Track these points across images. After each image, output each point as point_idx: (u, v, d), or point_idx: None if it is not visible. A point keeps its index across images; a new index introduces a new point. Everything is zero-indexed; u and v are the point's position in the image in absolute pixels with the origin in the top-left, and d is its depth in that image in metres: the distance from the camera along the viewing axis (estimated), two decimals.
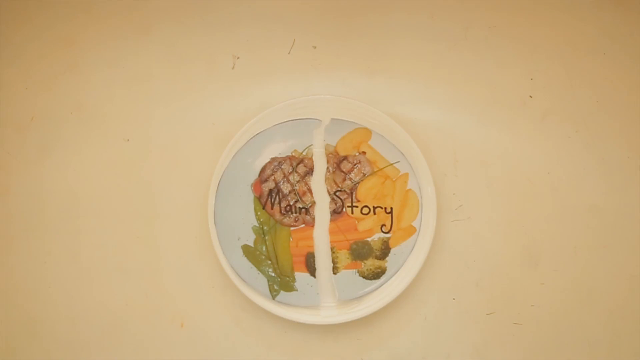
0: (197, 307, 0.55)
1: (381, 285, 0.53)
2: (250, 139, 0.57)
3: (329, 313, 0.52)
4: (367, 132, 0.57)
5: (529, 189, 0.58)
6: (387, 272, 0.53)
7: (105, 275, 0.56)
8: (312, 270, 0.54)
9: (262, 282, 0.53)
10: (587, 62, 0.62)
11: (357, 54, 0.62)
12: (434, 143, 0.59)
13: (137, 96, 0.62)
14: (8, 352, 0.55)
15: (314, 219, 0.55)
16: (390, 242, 0.54)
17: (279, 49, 0.63)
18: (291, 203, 0.56)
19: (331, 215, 0.56)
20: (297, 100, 0.57)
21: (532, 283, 0.55)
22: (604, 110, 0.60)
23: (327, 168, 0.57)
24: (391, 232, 0.55)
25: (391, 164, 0.56)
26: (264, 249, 0.54)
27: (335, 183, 0.56)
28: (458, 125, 0.60)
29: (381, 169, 0.56)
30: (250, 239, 0.55)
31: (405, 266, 0.53)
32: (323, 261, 0.54)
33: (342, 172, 0.57)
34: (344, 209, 0.56)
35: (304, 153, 0.57)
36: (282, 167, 0.56)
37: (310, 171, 0.57)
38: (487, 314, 0.55)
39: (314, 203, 0.56)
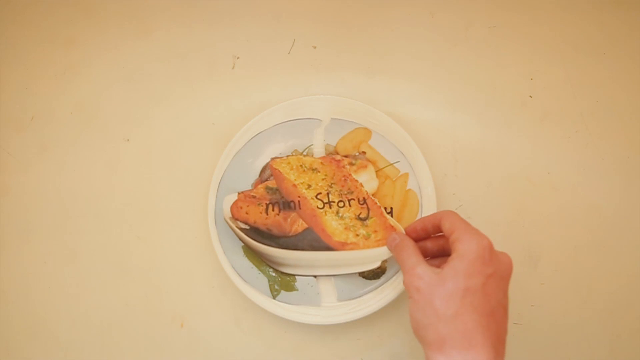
0: (197, 307, 0.55)
1: (381, 285, 0.52)
2: (251, 139, 0.57)
3: (329, 313, 0.52)
4: (367, 132, 0.57)
5: (529, 189, 0.58)
6: (387, 272, 0.53)
7: (105, 275, 0.56)
8: None
9: (263, 282, 0.53)
10: (587, 62, 0.62)
11: (357, 54, 0.62)
12: (434, 143, 0.59)
13: (137, 96, 0.62)
14: (8, 352, 0.55)
15: None
16: None
17: (279, 49, 0.63)
18: None
19: None
20: (297, 100, 0.58)
21: (532, 283, 0.55)
22: (604, 110, 0.60)
23: None
24: None
25: (391, 164, 0.56)
26: None
27: None
28: (458, 125, 0.60)
29: (381, 169, 0.56)
30: None
31: None
32: None
33: None
34: None
35: (305, 153, 0.57)
36: None
37: None
38: None
39: None
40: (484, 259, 0.39)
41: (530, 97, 0.61)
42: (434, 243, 0.46)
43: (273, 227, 0.53)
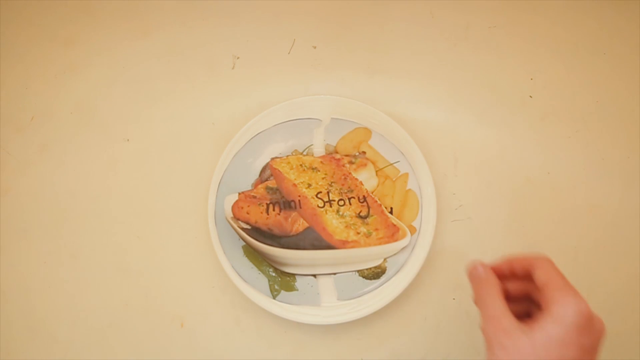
0: (197, 307, 0.55)
1: (381, 285, 0.52)
2: (251, 139, 0.57)
3: (329, 313, 0.52)
4: (367, 132, 0.57)
5: (529, 189, 0.58)
6: (387, 272, 0.53)
7: (105, 275, 0.56)
8: None
9: (263, 282, 0.53)
10: (587, 62, 0.62)
11: (357, 54, 0.62)
12: (434, 143, 0.59)
13: (137, 96, 0.62)
14: (8, 352, 0.55)
15: None
16: None
17: (279, 49, 0.63)
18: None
19: None
20: (297, 100, 0.58)
21: None
22: (604, 110, 0.60)
23: None
24: None
25: (391, 164, 0.56)
26: None
27: None
28: (458, 125, 0.60)
29: (381, 169, 0.56)
30: None
31: (405, 266, 0.53)
32: None
33: None
34: None
35: (305, 153, 0.57)
36: None
37: None
38: None
39: None
40: (582, 328, 0.34)
41: (531, 97, 0.61)
42: (517, 287, 0.41)
43: (274, 226, 0.53)
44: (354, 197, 0.53)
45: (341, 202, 0.53)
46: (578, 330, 0.34)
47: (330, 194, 0.53)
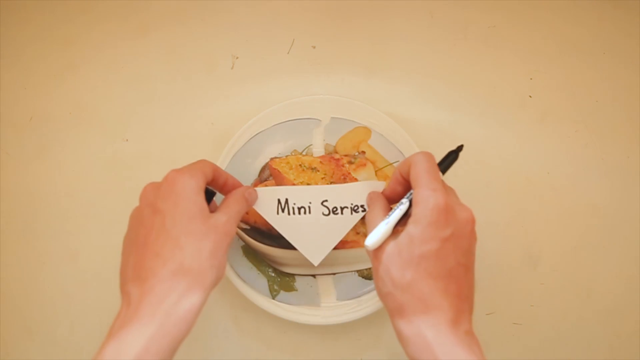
0: None
1: None
2: (250, 139, 0.57)
3: (329, 313, 0.52)
4: (366, 131, 0.57)
5: (529, 189, 0.58)
6: None
7: (105, 276, 0.56)
8: None
9: (262, 282, 0.53)
10: (587, 62, 0.62)
11: (356, 54, 0.62)
12: (434, 143, 0.59)
13: (136, 96, 0.62)
14: (7, 352, 0.55)
15: None
16: None
17: (278, 48, 0.63)
18: None
19: None
20: (297, 100, 0.57)
21: (532, 283, 0.55)
22: (603, 110, 0.60)
23: None
24: None
25: (391, 164, 0.56)
26: None
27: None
28: (457, 124, 0.60)
29: (380, 169, 0.56)
30: None
31: None
32: None
33: None
34: None
35: (304, 153, 0.57)
36: None
37: None
38: (486, 314, 0.55)
39: None
40: (439, 222, 0.37)
41: (530, 96, 0.61)
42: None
43: None
44: None
45: None
46: (435, 225, 0.37)
47: None
